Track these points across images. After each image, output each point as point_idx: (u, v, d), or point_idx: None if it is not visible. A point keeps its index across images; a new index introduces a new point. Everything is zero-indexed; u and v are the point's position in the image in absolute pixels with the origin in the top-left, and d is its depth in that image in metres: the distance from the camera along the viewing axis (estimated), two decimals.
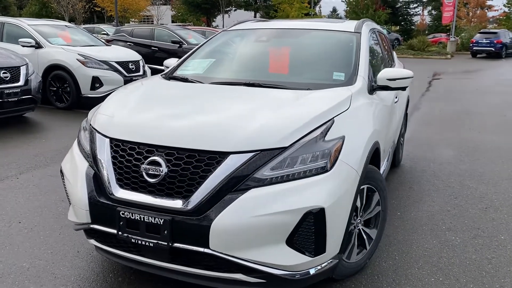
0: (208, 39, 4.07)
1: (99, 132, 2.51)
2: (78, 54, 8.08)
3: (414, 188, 4.49)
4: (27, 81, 6.73)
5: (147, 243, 2.21)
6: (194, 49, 3.88)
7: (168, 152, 2.24)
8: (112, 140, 2.42)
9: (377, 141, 2.83)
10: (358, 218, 2.74)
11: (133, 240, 2.24)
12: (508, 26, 37.45)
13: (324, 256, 2.29)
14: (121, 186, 2.31)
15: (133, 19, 46.61)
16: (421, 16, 54.02)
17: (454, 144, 6.25)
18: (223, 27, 34.83)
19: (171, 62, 3.81)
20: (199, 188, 2.16)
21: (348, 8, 44.67)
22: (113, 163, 2.36)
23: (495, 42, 26.26)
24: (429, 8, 53.92)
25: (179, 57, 12.87)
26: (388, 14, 40.32)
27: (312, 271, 2.29)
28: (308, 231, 2.18)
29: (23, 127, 6.76)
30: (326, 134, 2.36)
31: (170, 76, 3.47)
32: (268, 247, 2.14)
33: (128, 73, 8.47)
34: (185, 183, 2.19)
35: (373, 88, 3.20)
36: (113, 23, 46.41)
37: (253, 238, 2.11)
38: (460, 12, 38.46)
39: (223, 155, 2.18)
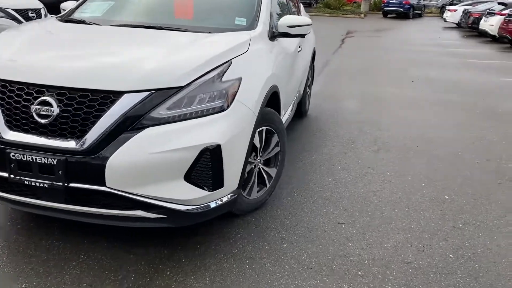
0: None
1: None
2: None
3: (317, 134, 4.78)
4: None
5: (41, 184, 2.18)
6: None
7: (60, 92, 2.19)
8: None
9: (275, 84, 2.97)
10: (258, 158, 2.90)
11: (26, 182, 2.19)
12: None
13: (223, 190, 2.41)
14: (11, 128, 2.24)
15: None
16: None
17: (357, 96, 6.67)
18: None
19: (68, 4, 3.63)
20: (93, 128, 2.15)
21: None
22: (1, 105, 2.26)
23: (403, 3, 27.64)
24: None
25: None
26: None
27: (212, 205, 2.41)
28: (205, 167, 2.28)
29: None
30: (223, 75, 2.43)
31: (66, 19, 3.31)
32: (166, 183, 2.22)
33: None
34: (78, 123, 2.17)
35: (274, 35, 3.30)
36: None
37: (149, 174, 2.17)
38: None
39: (117, 94, 2.18)
